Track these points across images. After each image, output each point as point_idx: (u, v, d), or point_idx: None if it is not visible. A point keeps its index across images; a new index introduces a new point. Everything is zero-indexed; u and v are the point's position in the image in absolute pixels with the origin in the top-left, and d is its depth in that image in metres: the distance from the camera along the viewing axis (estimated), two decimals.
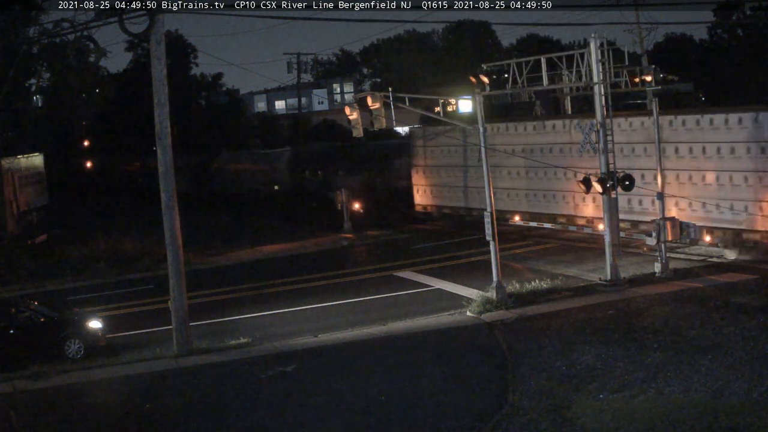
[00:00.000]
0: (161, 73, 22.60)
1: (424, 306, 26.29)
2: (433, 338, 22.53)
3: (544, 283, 26.45)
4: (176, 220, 23.06)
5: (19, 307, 24.80)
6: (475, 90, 26.84)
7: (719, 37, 74.27)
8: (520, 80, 28.34)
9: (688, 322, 21.31)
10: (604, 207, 26.62)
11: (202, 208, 51.16)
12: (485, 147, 26.08)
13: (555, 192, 33.96)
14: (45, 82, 51.72)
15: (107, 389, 20.72)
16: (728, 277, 25.83)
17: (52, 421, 18.76)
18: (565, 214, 33.54)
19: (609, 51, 26.51)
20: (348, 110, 27.26)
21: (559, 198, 33.82)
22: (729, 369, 17.69)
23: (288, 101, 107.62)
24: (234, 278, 33.59)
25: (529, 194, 35.20)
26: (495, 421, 16.47)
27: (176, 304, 23.04)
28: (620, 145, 28.92)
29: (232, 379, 20.52)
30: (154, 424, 18.24)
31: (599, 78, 26.17)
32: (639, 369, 18.32)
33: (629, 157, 30.13)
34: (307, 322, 25.71)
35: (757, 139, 26.70)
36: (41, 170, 46.50)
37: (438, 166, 40.26)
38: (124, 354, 23.47)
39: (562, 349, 20.29)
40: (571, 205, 33.27)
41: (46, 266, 36.32)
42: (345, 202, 42.25)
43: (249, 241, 40.42)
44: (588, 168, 27.93)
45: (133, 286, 33.48)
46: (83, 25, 29.58)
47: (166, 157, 22.86)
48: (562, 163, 32.17)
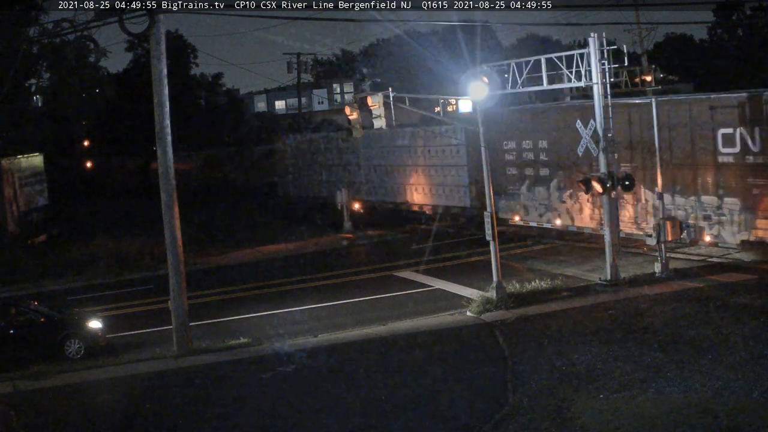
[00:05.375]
0: (161, 73, 22.60)
1: (424, 306, 26.31)
2: (433, 338, 22.53)
3: (544, 283, 26.45)
4: (176, 220, 23.07)
5: (19, 307, 24.80)
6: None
7: (719, 37, 74.33)
8: (520, 80, 28.33)
9: (688, 322, 21.31)
10: (604, 207, 26.64)
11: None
12: (485, 147, 26.12)
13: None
14: (45, 82, 51.79)
15: (107, 389, 20.73)
16: (728, 277, 25.82)
17: (52, 421, 18.76)
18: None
19: (609, 51, 26.50)
20: (348, 110, 27.30)
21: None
22: (729, 369, 17.68)
23: (288, 101, 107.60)
24: (234, 278, 33.61)
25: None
26: (495, 421, 16.47)
27: (176, 304, 23.05)
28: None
29: (232, 380, 20.52)
30: (154, 424, 18.24)
31: (599, 78, 26.18)
32: (639, 369, 18.32)
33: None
34: (307, 322, 25.73)
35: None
36: (41, 170, 46.50)
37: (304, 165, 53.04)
38: (124, 354, 23.48)
39: (562, 349, 20.29)
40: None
41: (46, 266, 36.33)
42: (345, 202, 42.28)
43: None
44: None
45: (133, 286, 33.51)
46: (83, 25, 29.65)
47: (166, 157, 22.87)
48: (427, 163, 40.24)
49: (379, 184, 44.95)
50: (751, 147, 26.41)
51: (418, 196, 42.37)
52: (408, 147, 42.51)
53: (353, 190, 44.86)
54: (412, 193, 42.69)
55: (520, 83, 28.33)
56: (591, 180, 26.03)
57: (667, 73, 38.12)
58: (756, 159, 26.34)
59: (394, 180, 43.81)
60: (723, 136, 27.19)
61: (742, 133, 26.67)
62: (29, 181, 43.97)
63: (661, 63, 46.25)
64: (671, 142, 28.65)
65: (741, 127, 26.60)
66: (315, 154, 51.97)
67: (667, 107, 28.87)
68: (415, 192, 42.55)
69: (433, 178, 41.02)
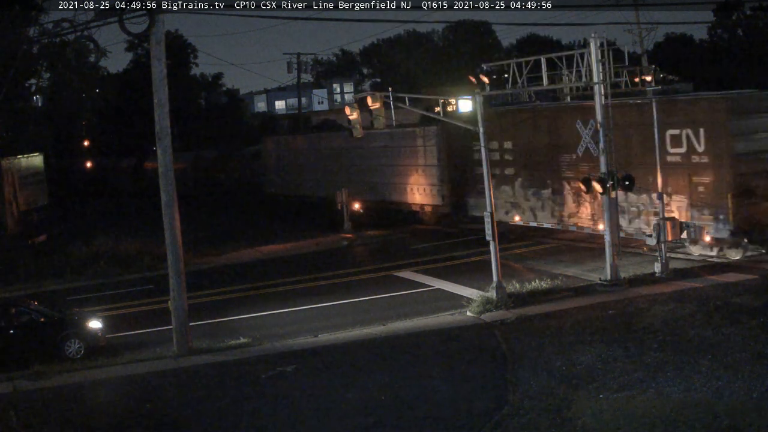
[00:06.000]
0: (161, 73, 22.59)
1: (424, 306, 26.30)
2: (433, 338, 22.52)
3: (544, 283, 26.45)
4: (176, 220, 23.06)
5: (19, 307, 24.78)
6: (475, 90, 26.85)
7: (719, 37, 74.30)
8: (520, 80, 28.32)
9: (688, 322, 21.30)
10: (604, 207, 26.63)
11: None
12: (485, 147, 26.10)
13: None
14: (45, 82, 51.76)
15: (107, 389, 20.73)
16: (728, 277, 25.82)
17: (52, 421, 18.75)
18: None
19: (609, 51, 26.49)
20: (348, 110, 27.27)
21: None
22: (729, 369, 17.68)
23: (288, 101, 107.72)
24: (234, 278, 33.61)
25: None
26: (495, 421, 16.46)
27: (176, 304, 23.04)
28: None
29: (232, 379, 20.52)
30: (154, 424, 18.23)
31: (599, 78, 26.17)
32: (639, 369, 18.32)
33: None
34: (307, 322, 25.72)
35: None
36: (41, 170, 46.44)
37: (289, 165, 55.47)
38: (124, 354, 23.47)
39: (562, 349, 20.29)
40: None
41: (46, 266, 36.32)
42: (345, 202, 42.27)
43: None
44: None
45: (133, 286, 33.51)
46: (83, 25, 29.62)
47: (166, 157, 22.86)
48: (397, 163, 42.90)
49: (360, 183, 46.04)
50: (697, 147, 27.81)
51: (396, 194, 43.91)
52: (385, 148, 44.27)
53: (336, 188, 46.24)
54: (391, 192, 44.31)
55: (520, 83, 28.33)
56: (591, 180, 26.03)
57: (667, 73, 38.02)
58: (701, 158, 27.74)
59: (375, 179, 45.40)
60: (671, 137, 28.53)
61: (688, 134, 28.06)
62: (29, 181, 43.93)
63: (661, 63, 46.17)
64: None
65: (687, 128, 28.02)
66: (298, 155, 54.72)
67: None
68: (394, 191, 44.09)
69: (409, 177, 42.68)
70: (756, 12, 68.72)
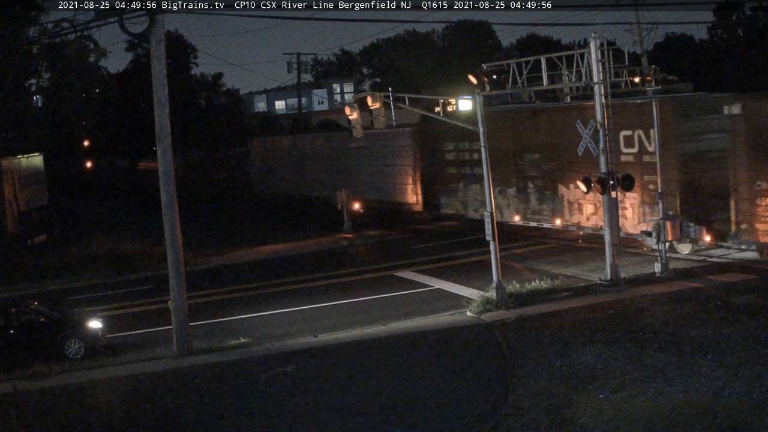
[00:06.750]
0: (161, 73, 22.60)
1: (424, 306, 26.30)
2: (433, 338, 22.53)
3: (544, 283, 26.45)
4: (176, 220, 23.07)
5: (19, 307, 24.79)
6: (475, 90, 26.84)
7: (719, 37, 74.26)
8: (520, 80, 28.33)
9: (688, 322, 21.31)
10: (604, 207, 26.63)
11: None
12: (485, 148, 26.10)
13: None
14: (45, 82, 51.73)
15: (107, 389, 20.72)
16: (728, 277, 25.84)
17: (52, 421, 18.76)
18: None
19: (609, 51, 26.50)
20: (348, 110, 27.28)
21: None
22: (729, 369, 17.68)
23: (288, 101, 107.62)
24: (234, 278, 33.61)
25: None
26: (495, 421, 16.47)
27: (176, 304, 23.04)
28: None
29: (232, 380, 20.52)
30: (154, 424, 18.23)
31: (599, 78, 26.17)
32: (639, 369, 18.32)
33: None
34: (307, 322, 25.72)
35: None
36: (41, 170, 46.50)
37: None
38: (124, 354, 23.48)
39: (562, 349, 20.29)
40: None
41: (46, 266, 36.32)
42: (345, 202, 42.27)
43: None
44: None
45: (133, 286, 33.51)
46: (83, 25, 29.53)
47: (166, 157, 22.86)
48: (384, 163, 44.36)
49: (344, 183, 46.90)
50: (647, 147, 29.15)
51: (375, 193, 45.24)
52: (361, 149, 45.68)
53: (324, 187, 47.62)
54: (373, 191, 45.49)
55: (520, 83, 28.33)
56: (591, 180, 26.03)
57: (667, 73, 37.98)
58: (651, 158, 28.84)
59: (355, 179, 46.64)
60: (624, 138, 29.94)
61: (639, 135, 29.40)
62: (29, 181, 43.96)
63: (661, 63, 46.14)
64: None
65: (639, 129, 29.31)
66: (282, 156, 56.58)
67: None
68: (373, 189, 45.45)
69: (388, 177, 44.23)
70: (756, 12, 68.69)
